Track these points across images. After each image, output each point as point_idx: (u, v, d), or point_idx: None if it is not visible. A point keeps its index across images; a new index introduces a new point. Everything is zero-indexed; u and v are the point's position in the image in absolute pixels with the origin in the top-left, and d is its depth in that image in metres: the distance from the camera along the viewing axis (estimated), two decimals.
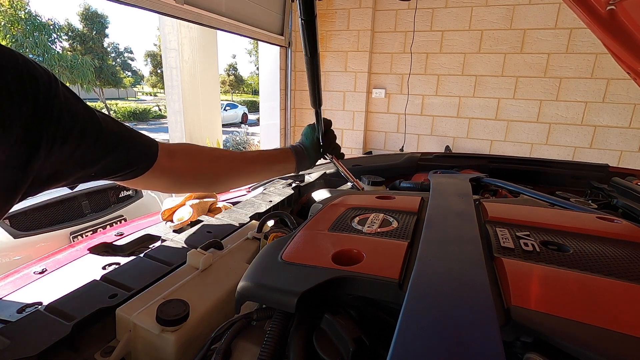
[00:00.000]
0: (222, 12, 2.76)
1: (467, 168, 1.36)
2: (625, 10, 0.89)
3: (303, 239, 0.48)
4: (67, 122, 0.44)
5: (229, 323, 0.41)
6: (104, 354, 0.44)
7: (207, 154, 0.71)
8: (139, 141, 0.57)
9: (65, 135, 0.44)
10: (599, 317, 0.30)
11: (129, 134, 0.56)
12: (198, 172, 0.68)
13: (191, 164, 0.67)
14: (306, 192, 1.13)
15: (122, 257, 0.74)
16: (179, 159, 0.64)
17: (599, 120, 3.05)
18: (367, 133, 3.85)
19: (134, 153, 0.56)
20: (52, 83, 0.42)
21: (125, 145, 0.54)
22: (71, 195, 2.05)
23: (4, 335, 0.42)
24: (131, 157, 0.56)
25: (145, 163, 0.58)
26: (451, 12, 3.25)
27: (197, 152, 0.69)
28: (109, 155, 0.52)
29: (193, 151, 0.68)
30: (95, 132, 0.48)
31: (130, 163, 0.56)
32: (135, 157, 0.57)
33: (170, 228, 0.86)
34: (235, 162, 0.73)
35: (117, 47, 31.57)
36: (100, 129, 0.49)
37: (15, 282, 0.64)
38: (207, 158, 0.70)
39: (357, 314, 0.39)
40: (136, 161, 0.57)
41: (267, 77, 3.92)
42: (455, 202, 0.60)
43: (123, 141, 0.54)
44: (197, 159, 0.68)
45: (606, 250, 0.43)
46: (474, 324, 0.28)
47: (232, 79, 41.66)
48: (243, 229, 0.77)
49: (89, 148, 0.48)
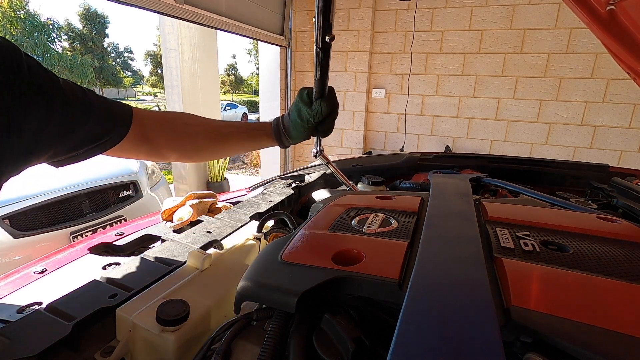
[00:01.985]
0: (222, 12, 2.76)
1: (467, 168, 1.36)
2: (625, 10, 0.89)
3: (303, 239, 0.48)
4: (34, 92, 0.45)
5: (229, 323, 0.41)
6: (104, 354, 0.44)
7: (184, 127, 0.72)
8: (113, 108, 0.59)
9: (35, 104, 0.45)
10: (599, 317, 0.30)
11: (101, 101, 0.57)
12: (177, 146, 0.72)
13: (170, 137, 0.70)
14: (306, 192, 1.13)
15: (122, 257, 0.74)
16: (156, 130, 0.68)
17: (599, 120, 3.05)
18: (367, 133, 3.85)
19: (109, 119, 0.58)
20: (15, 54, 0.44)
21: (98, 112, 0.55)
22: (71, 195, 2.05)
23: (4, 335, 0.42)
24: (107, 124, 0.58)
25: (122, 128, 0.60)
26: (451, 12, 3.25)
27: (176, 125, 0.72)
28: (85, 122, 0.53)
29: (171, 123, 0.71)
30: (65, 100, 0.49)
31: (108, 130, 0.57)
32: (111, 124, 0.58)
33: (170, 228, 0.86)
34: (212, 138, 0.74)
35: (117, 47, 31.57)
36: (71, 97, 0.50)
37: (15, 282, 0.64)
38: (185, 132, 0.72)
39: (357, 314, 0.39)
40: (113, 128, 0.59)
41: (267, 77, 3.92)
42: (455, 202, 0.60)
43: (95, 108, 0.55)
44: (175, 131, 0.71)
45: (606, 250, 0.43)
46: (474, 324, 0.28)
47: (232, 79, 41.65)
48: (243, 229, 0.77)
49: (64, 116, 0.49)
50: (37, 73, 0.46)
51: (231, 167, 7.67)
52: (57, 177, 2.07)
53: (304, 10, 3.70)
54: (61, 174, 2.11)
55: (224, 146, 0.75)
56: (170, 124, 0.71)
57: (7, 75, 0.42)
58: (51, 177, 2.06)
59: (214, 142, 0.74)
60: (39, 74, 0.46)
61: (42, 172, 2.10)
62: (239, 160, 8.46)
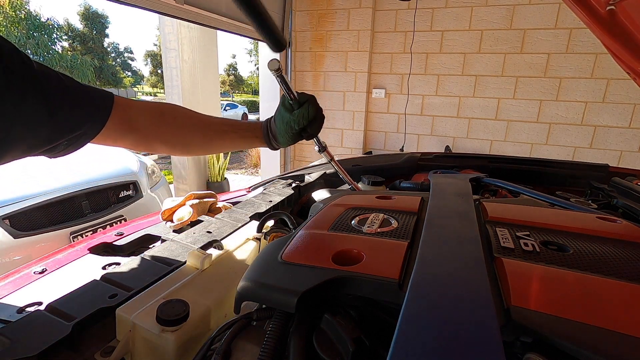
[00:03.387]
0: (222, 12, 2.76)
1: (467, 168, 1.36)
2: (625, 10, 0.89)
3: (303, 239, 0.48)
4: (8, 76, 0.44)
5: (229, 323, 0.41)
6: (104, 354, 0.44)
7: (173, 121, 0.71)
8: (92, 93, 0.58)
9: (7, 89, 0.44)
10: (599, 317, 0.30)
11: (79, 87, 0.56)
12: (165, 138, 0.71)
13: (158, 129, 0.69)
14: (306, 192, 1.13)
15: (122, 257, 0.74)
16: (143, 121, 0.66)
17: (599, 120, 3.05)
18: (367, 133, 3.85)
19: (88, 104, 0.56)
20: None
21: (74, 97, 0.54)
22: (71, 195, 2.05)
23: (4, 335, 0.42)
24: (86, 110, 0.56)
25: (102, 114, 0.59)
26: (451, 12, 3.25)
27: (165, 117, 0.70)
28: (61, 108, 0.51)
29: (160, 115, 0.70)
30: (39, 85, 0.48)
31: (86, 116, 0.56)
32: (90, 109, 0.57)
33: (170, 228, 0.86)
34: (202, 134, 0.74)
35: (117, 47, 31.58)
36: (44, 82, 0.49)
37: (15, 282, 0.64)
38: (174, 125, 0.71)
39: (357, 314, 0.39)
40: (92, 113, 0.57)
41: (267, 77, 3.92)
42: (455, 202, 0.60)
43: (71, 93, 0.53)
44: (164, 123, 0.70)
45: (606, 250, 0.43)
46: (474, 324, 0.28)
47: (232, 79, 41.66)
48: (243, 229, 0.77)
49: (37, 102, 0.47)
50: (9, 55, 0.45)
51: (231, 167, 7.67)
52: (57, 177, 2.07)
53: (304, 10, 3.70)
54: (61, 174, 2.11)
55: (214, 143, 0.75)
56: (159, 115, 0.69)
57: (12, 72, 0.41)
58: (51, 177, 2.06)
59: (203, 139, 0.74)
60: (12, 57, 0.45)
61: (42, 172, 2.11)
62: (239, 160, 8.46)
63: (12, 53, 0.46)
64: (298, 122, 0.69)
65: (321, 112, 0.72)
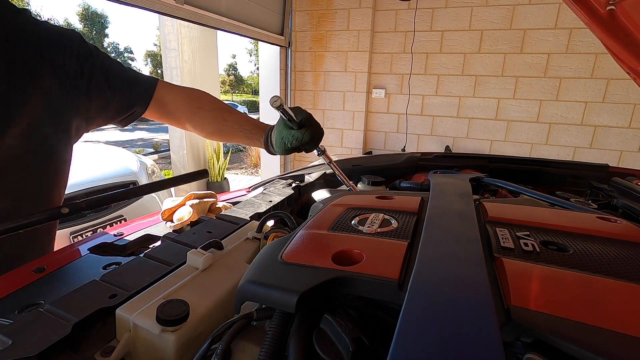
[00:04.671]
0: (222, 12, 2.76)
1: (467, 168, 1.36)
2: (625, 10, 0.89)
3: (303, 239, 0.48)
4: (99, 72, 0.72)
5: (229, 323, 0.41)
6: (104, 354, 0.44)
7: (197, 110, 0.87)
8: (138, 79, 0.80)
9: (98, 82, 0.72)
10: (599, 317, 0.30)
11: (131, 74, 0.78)
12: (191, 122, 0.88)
13: (185, 113, 0.86)
14: (306, 192, 1.13)
15: (122, 257, 0.74)
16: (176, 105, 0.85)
17: (599, 120, 3.05)
18: (367, 133, 3.86)
19: (137, 89, 0.79)
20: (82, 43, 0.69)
21: (128, 83, 0.77)
22: (71, 195, 2.05)
23: (4, 335, 0.42)
24: (133, 94, 0.78)
25: (143, 103, 0.80)
26: (451, 12, 3.25)
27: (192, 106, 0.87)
28: (117, 94, 0.75)
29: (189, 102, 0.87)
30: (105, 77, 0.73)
31: (134, 101, 0.79)
32: (138, 94, 0.79)
33: (170, 228, 0.86)
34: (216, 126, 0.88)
35: (117, 47, 31.56)
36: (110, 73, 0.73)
37: (15, 281, 0.64)
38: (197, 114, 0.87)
39: (357, 314, 0.39)
40: (136, 101, 0.79)
41: (267, 77, 3.92)
42: (455, 202, 0.60)
43: (128, 78, 0.77)
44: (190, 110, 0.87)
45: (606, 250, 0.43)
46: (474, 324, 0.28)
47: (232, 79, 41.68)
48: (243, 229, 0.77)
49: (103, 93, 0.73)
50: (80, 44, 0.68)
51: (231, 167, 7.67)
52: None
53: (304, 10, 3.70)
54: None
55: (225, 136, 0.90)
56: (188, 103, 0.86)
57: (85, 59, 0.68)
58: None
59: (217, 130, 0.88)
60: (82, 46, 0.68)
61: None
62: (239, 160, 8.46)
63: (81, 42, 0.67)
64: (291, 142, 0.74)
65: (318, 133, 0.75)
